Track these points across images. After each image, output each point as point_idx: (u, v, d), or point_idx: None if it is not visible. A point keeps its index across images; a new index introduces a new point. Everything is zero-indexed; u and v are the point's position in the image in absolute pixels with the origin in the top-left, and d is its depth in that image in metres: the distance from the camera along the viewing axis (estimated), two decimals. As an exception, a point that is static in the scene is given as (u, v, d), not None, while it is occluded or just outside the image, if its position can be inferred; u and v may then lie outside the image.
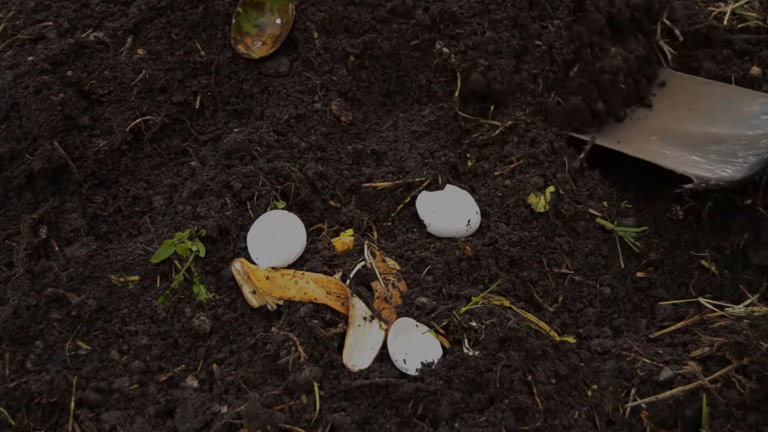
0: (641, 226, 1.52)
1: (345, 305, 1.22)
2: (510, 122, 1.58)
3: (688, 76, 1.79)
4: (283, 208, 1.37)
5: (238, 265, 1.30)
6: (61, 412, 1.18)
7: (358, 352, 1.17)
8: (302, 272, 1.26)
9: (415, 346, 1.18)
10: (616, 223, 1.50)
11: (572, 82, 1.70)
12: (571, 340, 1.26)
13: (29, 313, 1.27)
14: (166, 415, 1.16)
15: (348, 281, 1.25)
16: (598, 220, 1.49)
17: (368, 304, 1.22)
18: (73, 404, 1.17)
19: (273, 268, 1.28)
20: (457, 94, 1.62)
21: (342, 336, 1.19)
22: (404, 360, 1.17)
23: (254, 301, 1.27)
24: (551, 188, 1.43)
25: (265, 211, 1.36)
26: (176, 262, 1.31)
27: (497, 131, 1.59)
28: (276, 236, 1.30)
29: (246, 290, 1.27)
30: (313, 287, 1.23)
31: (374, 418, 1.11)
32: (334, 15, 1.64)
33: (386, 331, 1.20)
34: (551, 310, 1.34)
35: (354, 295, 1.22)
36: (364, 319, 1.20)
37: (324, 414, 1.09)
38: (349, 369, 1.15)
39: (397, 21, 1.66)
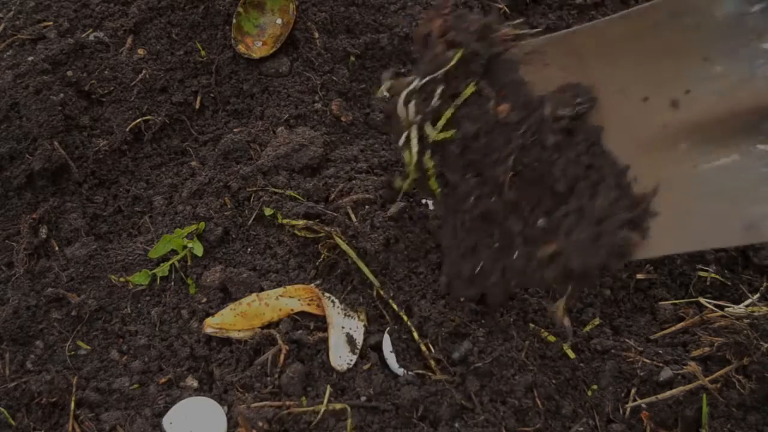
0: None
1: (321, 307, 1.21)
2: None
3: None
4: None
5: (209, 330, 1.23)
6: (61, 412, 1.17)
7: (342, 351, 1.17)
8: (266, 293, 1.23)
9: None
10: None
11: None
12: (570, 353, 1.25)
13: (29, 313, 1.27)
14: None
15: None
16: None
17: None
18: (73, 404, 1.17)
19: (237, 303, 1.23)
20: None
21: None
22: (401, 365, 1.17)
23: (248, 335, 1.22)
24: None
25: (261, 211, 1.35)
26: (176, 262, 1.31)
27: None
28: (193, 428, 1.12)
29: (234, 335, 1.23)
30: (285, 301, 1.21)
31: (374, 418, 1.11)
32: (335, 15, 1.64)
33: (364, 323, 1.19)
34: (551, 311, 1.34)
35: (325, 295, 1.21)
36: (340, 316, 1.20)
37: (323, 414, 1.09)
38: (336, 370, 1.14)
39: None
